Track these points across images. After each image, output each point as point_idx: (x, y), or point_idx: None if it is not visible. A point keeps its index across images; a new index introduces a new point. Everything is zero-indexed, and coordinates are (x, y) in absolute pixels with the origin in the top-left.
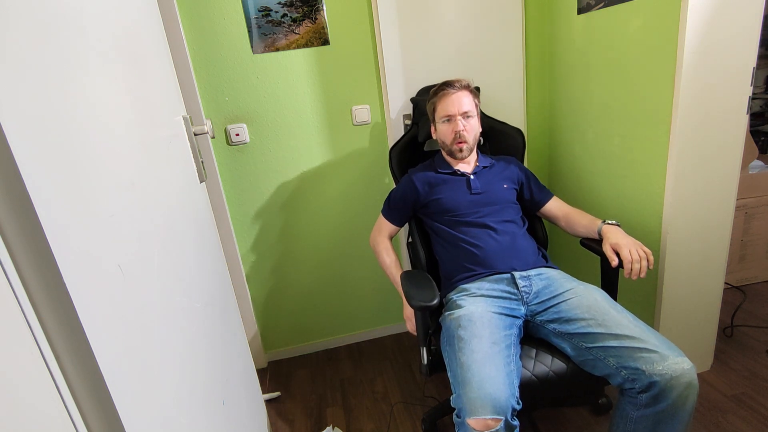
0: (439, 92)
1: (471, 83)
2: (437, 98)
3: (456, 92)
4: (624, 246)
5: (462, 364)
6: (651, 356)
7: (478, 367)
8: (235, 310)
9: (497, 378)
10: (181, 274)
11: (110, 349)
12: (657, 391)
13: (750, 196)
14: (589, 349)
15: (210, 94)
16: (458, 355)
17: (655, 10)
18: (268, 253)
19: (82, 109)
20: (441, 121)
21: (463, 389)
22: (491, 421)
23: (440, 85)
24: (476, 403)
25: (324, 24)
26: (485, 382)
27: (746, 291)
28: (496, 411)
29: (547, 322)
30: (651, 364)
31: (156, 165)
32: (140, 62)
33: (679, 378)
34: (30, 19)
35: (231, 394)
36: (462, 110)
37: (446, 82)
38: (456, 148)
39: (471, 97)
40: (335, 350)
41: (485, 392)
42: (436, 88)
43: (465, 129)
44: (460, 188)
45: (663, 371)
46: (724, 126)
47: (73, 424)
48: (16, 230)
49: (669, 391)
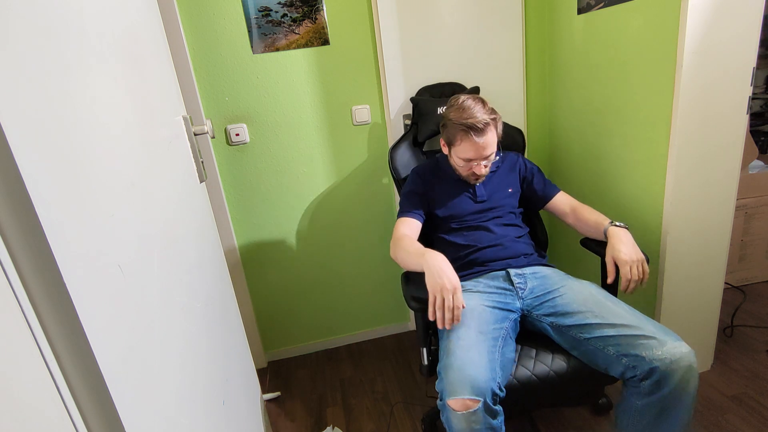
0: (461, 132)
1: (495, 115)
2: (458, 137)
3: (482, 138)
4: (625, 263)
5: (447, 351)
6: (649, 342)
7: (461, 353)
8: (235, 310)
9: (479, 362)
10: (181, 274)
11: (110, 349)
12: (658, 377)
13: (750, 196)
14: (588, 340)
15: (210, 94)
16: (446, 343)
17: (655, 10)
18: (268, 253)
19: (82, 110)
20: (459, 158)
21: (446, 372)
22: (469, 401)
23: (464, 124)
24: (456, 384)
25: (324, 24)
26: (466, 365)
27: (746, 291)
28: (474, 392)
29: (544, 316)
30: (650, 350)
31: (156, 165)
32: (140, 62)
33: (678, 362)
34: (30, 19)
35: (231, 394)
36: (485, 155)
37: (471, 125)
38: (471, 179)
39: (495, 132)
40: (335, 350)
41: (465, 374)
42: (458, 119)
43: (485, 166)
44: (465, 196)
45: (662, 356)
46: (724, 126)
47: (73, 424)
48: (16, 230)
49: (670, 376)
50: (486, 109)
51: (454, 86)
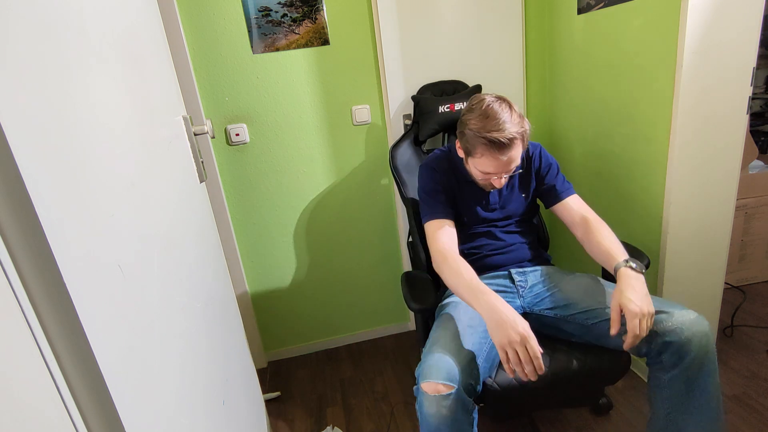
0: (482, 146)
1: (524, 127)
2: (479, 150)
3: (507, 155)
4: (635, 315)
5: (433, 339)
6: (658, 316)
7: (444, 342)
8: (235, 310)
9: (459, 352)
10: (181, 274)
11: (110, 349)
12: (676, 348)
13: (750, 196)
14: (596, 323)
15: (210, 94)
16: (433, 331)
17: (655, 10)
18: (268, 253)
19: (82, 110)
20: (477, 169)
21: (425, 357)
22: (442, 386)
23: (487, 138)
24: (432, 368)
25: (324, 24)
26: (447, 353)
27: (746, 291)
28: (449, 378)
29: (547, 310)
30: (660, 324)
31: (156, 165)
32: (140, 62)
33: (691, 327)
34: (30, 20)
35: (231, 394)
36: (508, 170)
37: (495, 141)
38: (487, 188)
39: (522, 145)
40: (335, 350)
41: (443, 360)
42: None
43: (505, 178)
44: (477, 201)
45: (673, 326)
46: (724, 126)
47: (73, 424)
48: (16, 230)
49: (687, 344)
50: (514, 118)
51: (455, 84)
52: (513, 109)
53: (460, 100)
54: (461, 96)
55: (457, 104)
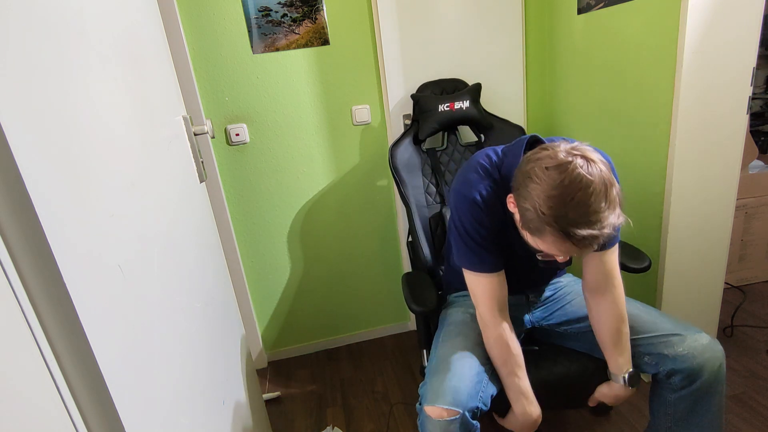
0: (554, 236)
1: (621, 219)
2: (548, 237)
3: (589, 249)
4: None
5: (439, 356)
6: (669, 339)
7: (452, 361)
8: (235, 310)
9: (467, 375)
10: (181, 274)
11: (110, 349)
12: (687, 372)
13: (750, 196)
14: None
15: (210, 94)
16: (439, 347)
17: (655, 10)
18: (268, 252)
19: (83, 110)
20: (538, 247)
21: (431, 378)
22: (446, 411)
23: (566, 233)
24: (437, 392)
25: (324, 24)
26: (453, 376)
27: (746, 291)
28: (454, 403)
29: (557, 325)
30: (671, 347)
31: (156, 165)
32: (140, 62)
33: (703, 354)
34: (30, 20)
35: (231, 394)
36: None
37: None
38: (540, 264)
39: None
40: (335, 350)
41: (449, 384)
42: (560, 222)
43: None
44: (521, 262)
45: (684, 351)
46: (724, 126)
47: (73, 424)
48: (16, 230)
49: (699, 370)
50: (611, 206)
51: (455, 82)
52: (609, 190)
53: (459, 98)
54: (461, 95)
55: (456, 103)
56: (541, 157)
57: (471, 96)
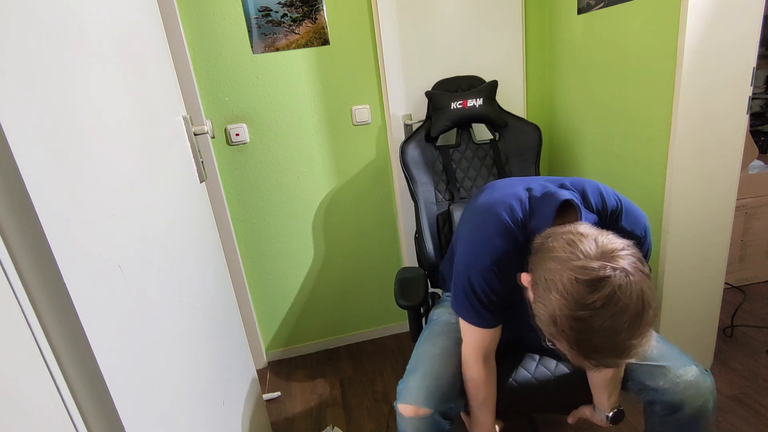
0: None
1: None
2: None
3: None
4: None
5: (418, 355)
6: (652, 371)
7: (429, 361)
8: (235, 310)
9: (443, 375)
10: (181, 274)
11: (110, 349)
12: (666, 404)
13: (750, 196)
14: None
15: (210, 94)
16: (421, 345)
17: (655, 10)
18: (268, 253)
19: (83, 110)
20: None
21: (408, 376)
22: (418, 410)
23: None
24: (412, 390)
25: (324, 24)
26: (428, 375)
27: (746, 291)
28: (427, 402)
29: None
30: (653, 379)
31: (156, 165)
32: (140, 62)
33: (684, 390)
34: (30, 21)
35: (231, 394)
36: None
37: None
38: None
39: None
40: (335, 350)
41: (424, 383)
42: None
43: None
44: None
45: (665, 386)
46: (724, 126)
47: (73, 424)
48: (16, 230)
49: (679, 405)
50: (641, 329)
51: (471, 79)
52: (645, 314)
53: (472, 96)
54: (475, 92)
55: (470, 100)
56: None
57: (485, 94)
